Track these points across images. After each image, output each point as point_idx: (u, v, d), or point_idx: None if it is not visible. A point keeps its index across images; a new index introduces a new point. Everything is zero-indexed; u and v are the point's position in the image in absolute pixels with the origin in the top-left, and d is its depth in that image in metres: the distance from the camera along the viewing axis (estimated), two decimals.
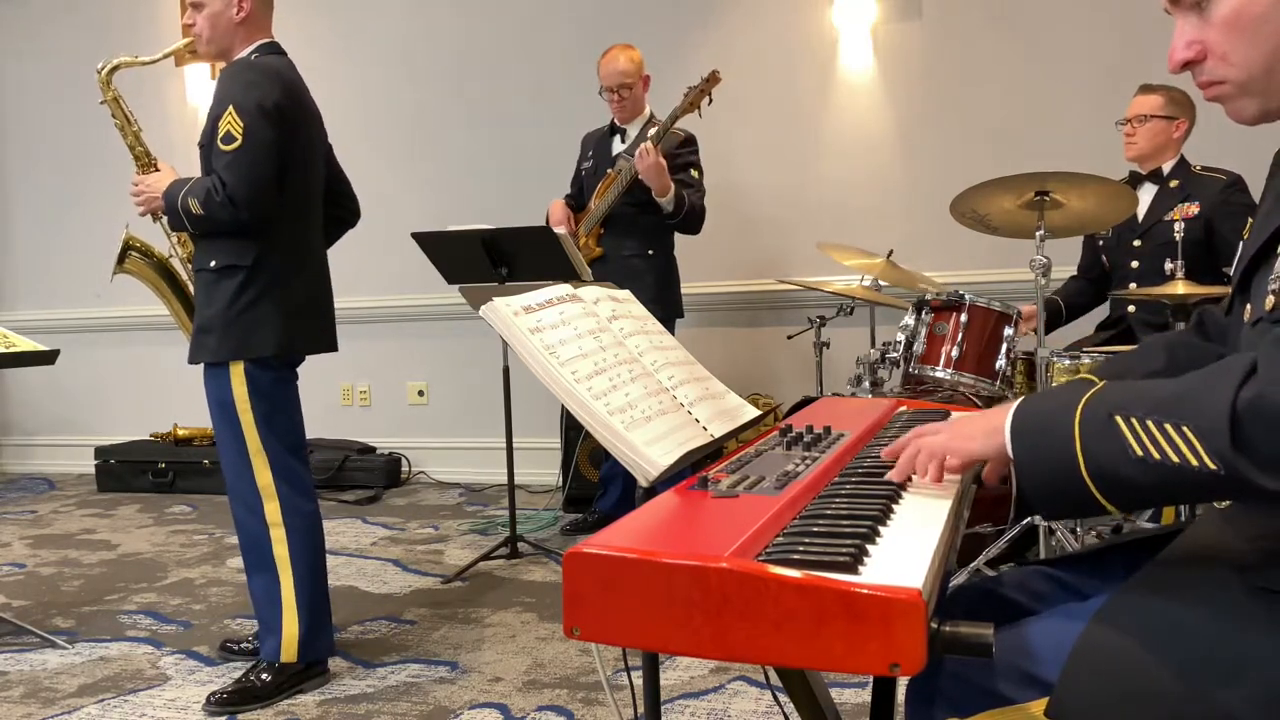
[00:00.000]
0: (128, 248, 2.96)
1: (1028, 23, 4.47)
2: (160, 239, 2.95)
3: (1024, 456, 1.08)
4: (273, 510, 2.62)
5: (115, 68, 2.80)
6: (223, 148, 2.51)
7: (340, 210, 2.91)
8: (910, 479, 1.25)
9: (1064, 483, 1.04)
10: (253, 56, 2.63)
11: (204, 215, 2.54)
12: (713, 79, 3.75)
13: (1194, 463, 0.97)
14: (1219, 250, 3.42)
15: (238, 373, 2.58)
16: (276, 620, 2.61)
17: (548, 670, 2.70)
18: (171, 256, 2.97)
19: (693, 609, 0.89)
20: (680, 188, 3.85)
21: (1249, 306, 1.17)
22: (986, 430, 1.13)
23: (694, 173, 3.95)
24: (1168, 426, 0.99)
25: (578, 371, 1.32)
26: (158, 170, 2.75)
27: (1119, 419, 1.02)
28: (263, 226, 2.57)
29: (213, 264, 2.61)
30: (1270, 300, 1.11)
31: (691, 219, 3.92)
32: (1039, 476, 1.07)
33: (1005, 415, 1.12)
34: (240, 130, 2.50)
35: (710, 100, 3.77)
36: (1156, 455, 0.99)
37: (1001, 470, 1.19)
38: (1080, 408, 1.05)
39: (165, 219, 2.68)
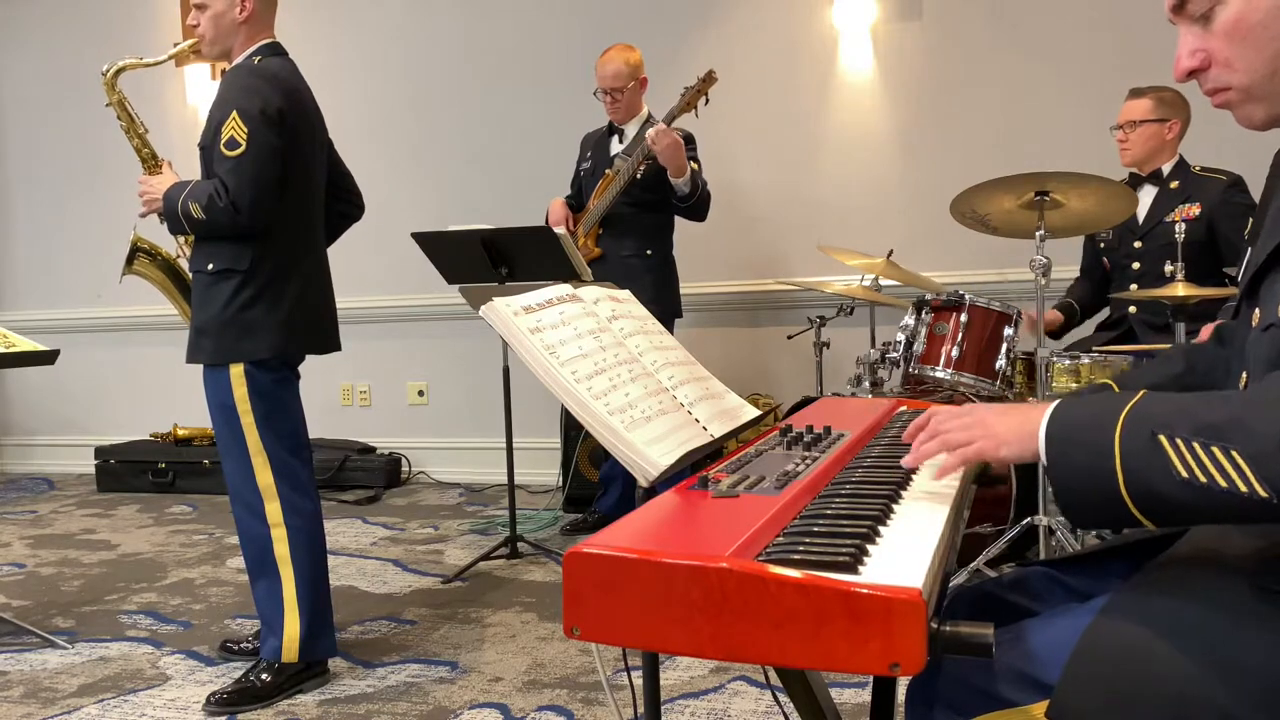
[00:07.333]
0: (135, 249, 2.96)
1: (1028, 23, 4.47)
2: (167, 239, 2.95)
3: (1060, 465, 1.06)
4: (273, 511, 2.62)
5: (120, 70, 2.79)
6: (226, 153, 2.51)
7: (344, 205, 2.92)
8: (911, 477, 1.25)
9: (1100, 496, 1.03)
10: (256, 59, 2.64)
11: (205, 219, 2.54)
12: (709, 79, 3.74)
13: (1243, 489, 0.96)
14: (1221, 251, 3.41)
15: (238, 375, 2.58)
16: (279, 620, 2.61)
17: (548, 670, 2.70)
18: (179, 257, 2.97)
19: (693, 609, 0.89)
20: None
21: (1258, 311, 1.17)
22: (1020, 435, 1.10)
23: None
24: (1215, 450, 0.97)
25: (578, 371, 1.32)
26: (163, 172, 2.75)
27: (1163, 438, 1.00)
28: (262, 231, 2.58)
29: (210, 267, 2.61)
30: None
31: (704, 201, 3.94)
32: (1074, 487, 1.05)
33: (1040, 419, 1.09)
34: (244, 136, 2.50)
35: (707, 100, 3.76)
36: (1203, 478, 0.98)
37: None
38: (1121, 421, 1.03)
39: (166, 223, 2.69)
